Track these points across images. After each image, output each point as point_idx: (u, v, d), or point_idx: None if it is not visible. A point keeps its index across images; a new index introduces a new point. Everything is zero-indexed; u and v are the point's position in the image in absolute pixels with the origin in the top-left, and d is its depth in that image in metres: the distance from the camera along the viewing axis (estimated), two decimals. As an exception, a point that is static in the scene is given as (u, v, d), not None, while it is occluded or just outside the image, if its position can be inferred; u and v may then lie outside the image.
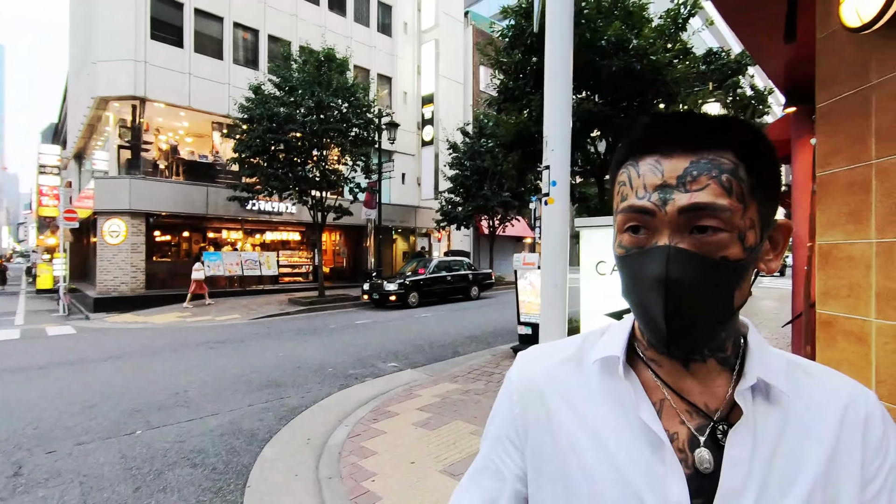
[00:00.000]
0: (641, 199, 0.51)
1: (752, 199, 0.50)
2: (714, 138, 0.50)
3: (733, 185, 0.49)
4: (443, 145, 22.10)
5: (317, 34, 18.56)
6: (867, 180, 1.74)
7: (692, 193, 0.48)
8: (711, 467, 0.50)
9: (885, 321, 1.65)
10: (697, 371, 0.55)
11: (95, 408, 5.16)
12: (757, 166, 0.50)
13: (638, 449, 0.52)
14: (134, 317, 12.54)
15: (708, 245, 0.49)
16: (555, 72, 2.05)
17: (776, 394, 0.53)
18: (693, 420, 0.53)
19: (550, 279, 2.09)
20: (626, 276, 0.54)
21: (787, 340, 7.82)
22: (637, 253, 0.52)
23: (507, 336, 9.11)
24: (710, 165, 0.49)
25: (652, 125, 0.53)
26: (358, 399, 5.42)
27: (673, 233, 0.49)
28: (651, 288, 0.50)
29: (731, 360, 0.55)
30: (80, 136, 20.29)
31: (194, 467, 3.77)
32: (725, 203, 0.48)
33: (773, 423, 0.52)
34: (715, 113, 4.04)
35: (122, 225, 14.77)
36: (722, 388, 0.54)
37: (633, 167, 0.53)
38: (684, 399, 0.54)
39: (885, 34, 1.67)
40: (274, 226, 19.17)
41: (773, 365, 0.54)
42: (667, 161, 0.50)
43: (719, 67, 13.41)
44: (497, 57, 8.88)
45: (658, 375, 0.56)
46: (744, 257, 0.49)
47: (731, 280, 0.50)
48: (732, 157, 0.49)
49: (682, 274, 0.48)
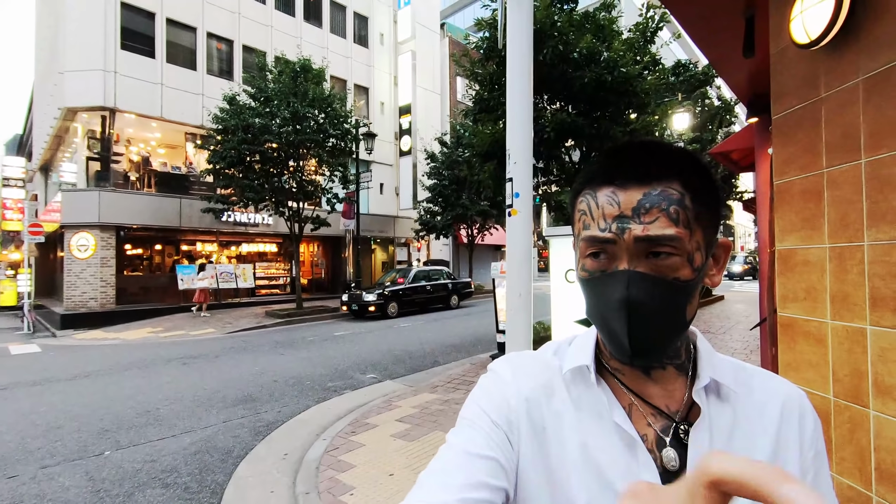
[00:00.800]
0: (603, 231, 0.56)
1: (698, 224, 0.55)
2: (663, 170, 0.55)
3: (680, 214, 0.54)
4: (421, 155, 22.15)
5: (292, 45, 18.48)
6: (819, 188, 1.82)
7: (645, 225, 0.53)
8: (678, 465, 0.55)
9: (839, 322, 1.73)
10: (658, 377, 0.60)
11: (61, 429, 4.97)
12: (700, 195, 0.55)
13: (616, 450, 0.57)
14: (104, 333, 12.14)
15: (662, 268, 0.54)
16: (516, 87, 2.09)
17: (726, 392, 0.59)
18: (658, 422, 0.58)
19: (515, 288, 2.12)
20: (590, 298, 0.59)
21: (756, 343, 8.04)
22: (600, 277, 0.57)
23: (487, 344, 9.13)
24: (659, 197, 0.54)
25: (609, 158, 0.58)
26: (336, 412, 5.35)
27: (631, 258, 0.55)
28: (615, 309, 0.55)
29: (686, 365, 0.62)
30: (47, 148, 19.66)
31: (166, 487, 3.66)
32: (674, 232, 0.53)
33: (726, 418, 0.58)
34: (684, 125, 4.17)
35: (91, 238, 14.33)
36: (680, 391, 0.60)
37: (591, 197, 0.58)
38: (648, 403, 0.59)
39: (830, 51, 1.76)
40: (250, 237, 18.87)
41: (721, 367, 0.61)
42: (622, 193, 0.55)
43: (688, 79, 13.87)
44: (472, 68, 8.99)
45: (623, 383, 0.61)
46: (693, 277, 0.55)
47: (683, 297, 0.55)
48: (679, 187, 0.54)
49: (641, 295, 0.53)
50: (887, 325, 1.56)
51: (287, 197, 14.15)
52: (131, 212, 14.95)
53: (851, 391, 1.69)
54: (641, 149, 0.57)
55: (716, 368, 0.60)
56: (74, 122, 15.82)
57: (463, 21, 34.79)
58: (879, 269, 1.58)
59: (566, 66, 7.64)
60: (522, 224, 2.12)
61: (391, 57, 24.12)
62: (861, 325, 1.64)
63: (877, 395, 1.59)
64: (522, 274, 2.10)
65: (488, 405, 0.60)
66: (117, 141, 15.54)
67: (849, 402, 1.69)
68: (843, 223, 1.72)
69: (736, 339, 8.84)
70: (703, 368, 0.59)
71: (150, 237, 16.44)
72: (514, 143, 2.06)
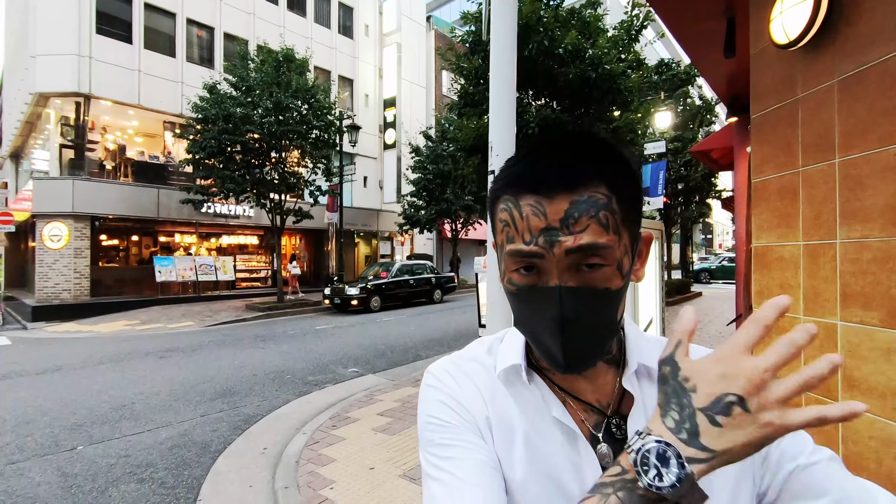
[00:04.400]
0: (529, 245, 0.52)
1: (625, 228, 0.54)
2: (589, 173, 0.52)
3: (609, 220, 0.52)
4: (405, 149, 22.05)
5: (275, 34, 18.14)
6: (795, 187, 1.86)
7: (575, 235, 0.51)
8: (612, 460, 0.55)
9: (810, 318, 1.77)
10: (588, 374, 0.60)
11: (31, 424, 4.83)
12: (626, 193, 0.53)
13: (556, 445, 0.57)
14: (77, 325, 11.83)
15: (594, 280, 0.52)
16: (499, 78, 2.07)
17: (655, 373, 0.57)
18: (590, 418, 0.58)
19: (496, 282, 2.12)
20: (519, 311, 0.57)
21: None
22: (528, 291, 0.54)
23: (469, 339, 9.12)
24: (587, 204, 0.51)
25: (529, 160, 0.54)
26: (317, 406, 5.31)
27: (561, 272, 0.52)
28: (547, 326, 0.53)
29: (616, 356, 0.61)
30: (18, 134, 19.00)
31: (141, 482, 3.59)
32: (604, 241, 0.51)
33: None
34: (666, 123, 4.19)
35: (64, 228, 13.92)
36: (610, 384, 0.60)
37: (514, 206, 0.54)
38: (579, 400, 0.59)
39: (808, 52, 1.79)
40: (231, 229, 18.57)
41: (648, 349, 0.61)
42: (548, 203, 0.52)
43: (670, 78, 14.06)
44: (458, 62, 8.97)
45: (554, 382, 0.61)
46: (623, 284, 0.54)
47: (614, 304, 0.54)
48: (605, 189, 0.52)
49: (573, 310, 0.52)
50: (856, 321, 1.60)
51: (269, 189, 13.94)
52: (107, 201, 14.57)
53: (822, 386, 1.73)
54: (564, 148, 0.53)
55: (643, 352, 0.60)
56: (47, 108, 15.32)
57: (449, 14, 34.61)
58: (850, 266, 1.63)
59: (551, 61, 7.66)
60: (504, 217, 2.11)
61: (376, 49, 23.90)
62: (832, 320, 1.69)
63: (846, 389, 1.64)
64: (503, 267, 2.11)
65: (455, 417, 0.58)
66: (92, 128, 15.11)
67: (819, 396, 1.74)
68: (816, 221, 1.76)
69: (712, 334, 9.03)
70: (632, 355, 0.60)
71: (126, 228, 16.06)
72: (497, 134, 2.05)
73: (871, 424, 1.55)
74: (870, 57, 1.57)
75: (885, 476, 1.50)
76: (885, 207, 1.50)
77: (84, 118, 14.58)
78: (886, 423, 1.50)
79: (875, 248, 1.54)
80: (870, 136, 1.56)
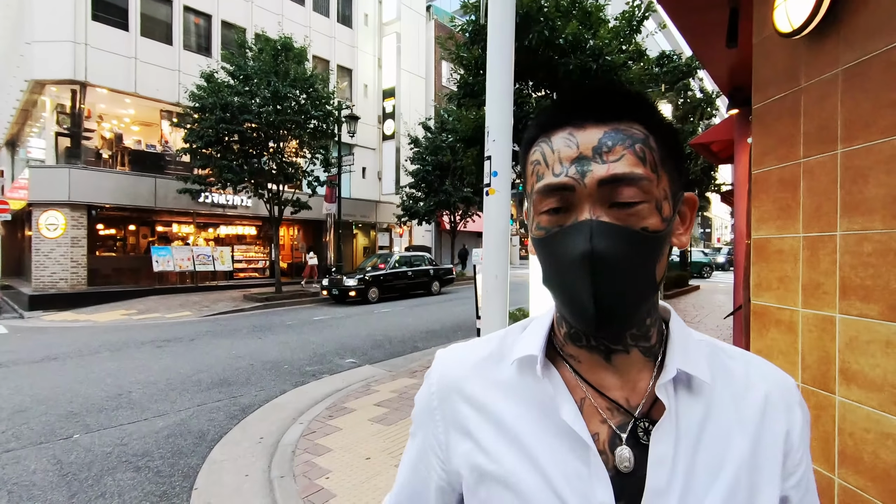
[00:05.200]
0: (559, 176, 0.49)
1: (663, 170, 0.50)
2: (623, 110, 0.49)
3: (647, 154, 0.48)
4: (404, 140, 21.93)
5: (273, 22, 17.95)
6: (796, 178, 1.84)
7: (609, 164, 0.47)
8: (632, 466, 0.49)
9: (809, 310, 1.76)
10: (619, 364, 0.53)
11: (27, 412, 4.83)
12: (664, 138, 0.50)
13: (562, 452, 0.51)
14: (74, 315, 11.81)
15: (629, 216, 0.47)
16: (496, 63, 2.03)
17: (698, 384, 0.52)
18: (614, 418, 0.51)
19: (492, 269, 2.09)
20: (547, 260, 0.52)
21: (729, 332, 8.24)
22: (558, 232, 0.49)
23: (467, 330, 9.17)
24: (622, 136, 0.48)
25: (562, 100, 0.52)
26: (314, 396, 5.32)
27: (594, 206, 0.48)
28: (576, 267, 0.47)
29: (655, 350, 0.54)
30: (13, 122, 18.84)
31: (137, 471, 3.59)
32: (642, 172, 0.47)
33: (696, 414, 0.51)
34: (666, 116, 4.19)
35: (61, 217, 13.85)
36: (644, 382, 0.53)
37: (545, 143, 0.51)
38: (604, 396, 0.52)
39: (812, 40, 1.76)
40: (228, 220, 18.50)
41: (694, 354, 0.53)
42: (580, 132, 0.49)
43: (671, 70, 13.95)
44: (457, 52, 8.88)
45: (577, 372, 0.54)
46: (662, 228, 0.49)
47: (652, 251, 0.49)
48: (641, 128, 0.49)
49: (607, 247, 0.46)
50: (855, 314, 1.59)
51: (267, 179, 13.87)
52: (103, 190, 14.48)
53: (819, 378, 1.73)
54: (597, 89, 0.51)
55: (688, 355, 0.52)
56: (42, 96, 15.18)
57: (449, 4, 34.25)
58: (850, 258, 1.61)
59: (552, 52, 7.58)
60: (500, 204, 2.08)
61: (375, 38, 23.69)
62: (831, 313, 1.68)
63: (842, 382, 1.63)
64: (499, 255, 2.07)
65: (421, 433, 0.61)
66: (88, 116, 14.97)
67: (816, 389, 1.73)
68: (817, 213, 1.74)
69: (710, 327, 9.05)
70: (672, 357, 0.52)
71: (123, 217, 15.98)
72: (494, 120, 2.01)
73: (867, 417, 1.54)
74: (874, 46, 1.54)
75: (880, 469, 1.50)
76: (887, 199, 1.49)
77: (80, 106, 14.44)
78: (882, 415, 1.50)
79: (876, 240, 1.52)
80: (873, 127, 1.54)
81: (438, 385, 0.60)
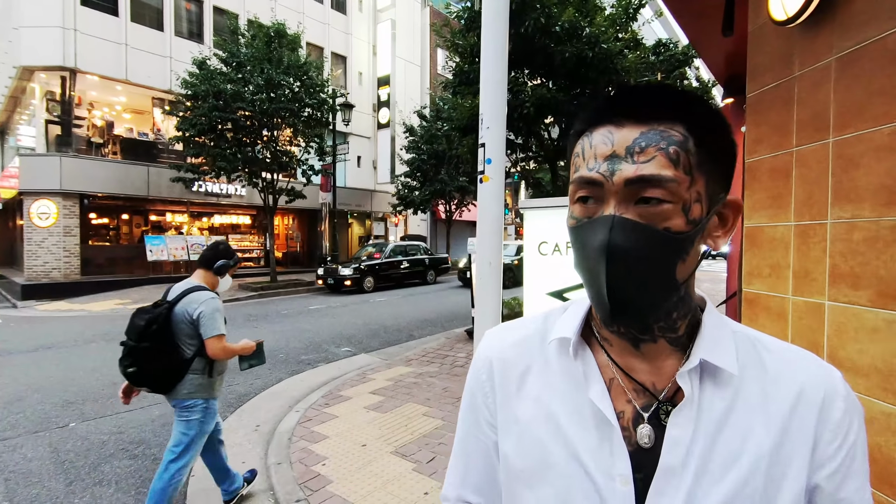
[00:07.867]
0: (591, 171, 0.52)
1: (700, 173, 0.51)
2: (666, 110, 0.50)
3: (681, 157, 0.49)
4: (399, 128, 21.77)
5: (266, 7, 17.66)
6: (788, 167, 1.85)
7: (638, 165, 0.49)
8: (651, 443, 0.53)
9: (799, 297, 1.78)
10: (647, 351, 0.56)
11: (22, 401, 4.83)
12: (708, 141, 0.51)
13: (587, 427, 0.55)
14: (68, 304, 11.76)
15: (652, 215, 0.49)
16: (490, 48, 2.01)
17: (725, 375, 0.53)
18: (640, 399, 0.55)
19: (485, 256, 2.09)
20: (576, 247, 0.55)
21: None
22: (586, 223, 0.53)
23: (462, 319, 9.21)
24: (658, 137, 0.49)
25: (610, 97, 0.54)
26: (310, 384, 5.34)
27: (619, 203, 0.50)
28: (595, 257, 0.51)
29: (684, 341, 0.56)
30: (2, 109, 18.54)
31: (134, 458, 3.61)
32: (670, 174, 0.48)
33: (720, 403, 0.52)
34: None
35: (53, 206, 13.71)
36: (671, 369, 0.55)
37: (587, 137, 0.54)
38: (632, 378, 0.56)
39: (806, 28, 1.76)
40: (222, 209, 18.38)
41: (723, 345, 0.54)
42: (618, 131, 0.51)
43: (667, 58, 13.87)
44: (453, 39, 8.80)
45: (609, 355, 0.58)
46: (687, 230, 0.50)
47: (673, 252, 0.50)
48: (683, 129, 0.50)
49: (623, 242, 0.49)
50: (844, 301, 1.61)
51: (261, 167, 13.77)
52: (95, 179, 14.33)
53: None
54: (645, 89, 0.53)
55: (716, 347, 0.53)
56: (32, 83, 14.94)
57: (445, -10, 33.85)
58: (840, 246, 1.63)
59: (548, 39, 7.53)
60: (494, 191, 2.08)
61: (370, 25, 23.39)
62: (820, 300, 1.70)
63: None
64: (493, 242, 2.08)
65: (472, 402, 0.68)
66: (79, 104, 14.76)
67: (804, 374, 1.76)
68: (808, 202, 1.75)
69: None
70: (699, 347, 0.53)
71: (116, 206, 15.84)
72: (488, 106, 2.00)
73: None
74: (869, 34, 1.55)
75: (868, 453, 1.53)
76: (878, 187, 1.50)
77: (70, 93, 14.23)
78: (870, 400, 1.53)
79: (865, 228, 1.54)
80: (865, 115, 1.54)
81: (486, 359, 0.66)
